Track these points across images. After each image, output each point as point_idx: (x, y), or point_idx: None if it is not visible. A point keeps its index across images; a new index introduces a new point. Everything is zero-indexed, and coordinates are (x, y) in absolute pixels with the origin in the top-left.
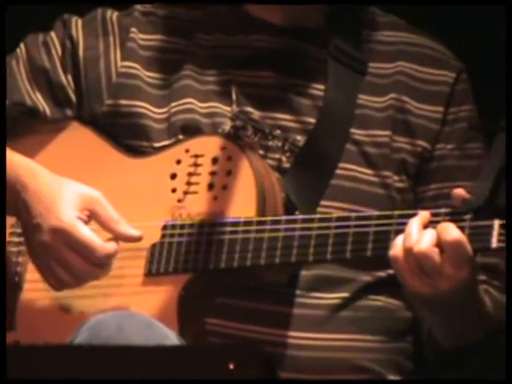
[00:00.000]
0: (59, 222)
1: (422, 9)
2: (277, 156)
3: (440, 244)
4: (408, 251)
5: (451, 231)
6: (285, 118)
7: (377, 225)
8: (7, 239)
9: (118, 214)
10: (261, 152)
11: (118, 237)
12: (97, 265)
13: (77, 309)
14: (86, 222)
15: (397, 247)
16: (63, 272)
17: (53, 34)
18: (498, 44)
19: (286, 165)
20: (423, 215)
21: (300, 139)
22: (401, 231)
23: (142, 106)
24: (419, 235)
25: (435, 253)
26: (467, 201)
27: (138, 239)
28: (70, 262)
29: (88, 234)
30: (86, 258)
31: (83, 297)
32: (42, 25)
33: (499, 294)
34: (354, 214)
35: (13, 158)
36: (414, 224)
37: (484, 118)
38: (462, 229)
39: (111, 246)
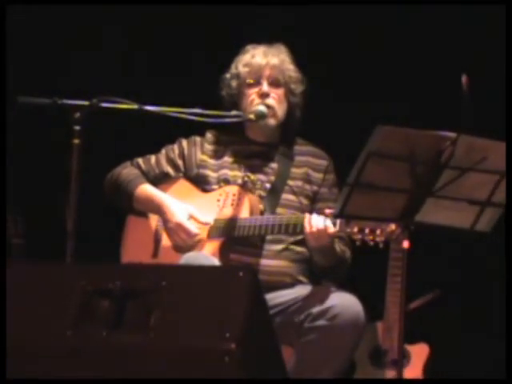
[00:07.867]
0: (178, 220)
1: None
2: (258, 192)
3: (324, 227)
4: (313, 228)
5: (330, 226)
6: (262, 178)
7: (295, 219)
8: (157, 223)
9: (200, 214)
10: (253, 191)
11: (201, 224)
12: (193, 238)
13: (182, 251)
14: (188, 219)
15: (312, 227)
16: (180, 241)
17: (175, 146)
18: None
19: (264, 195)
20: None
21: (268, 186)
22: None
23: (208, 173)
24: (319, 219)
25: (325, 230)
26: (331, 213)
27: (208, 224)
28: (183, 237)
29: (190, 225)
30: (189, 235)
31: (185, 247)
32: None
33: (342, 244)
34: (285, 215)
35: (156, 192)
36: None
37: (341, 179)
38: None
39: (198, 231)
